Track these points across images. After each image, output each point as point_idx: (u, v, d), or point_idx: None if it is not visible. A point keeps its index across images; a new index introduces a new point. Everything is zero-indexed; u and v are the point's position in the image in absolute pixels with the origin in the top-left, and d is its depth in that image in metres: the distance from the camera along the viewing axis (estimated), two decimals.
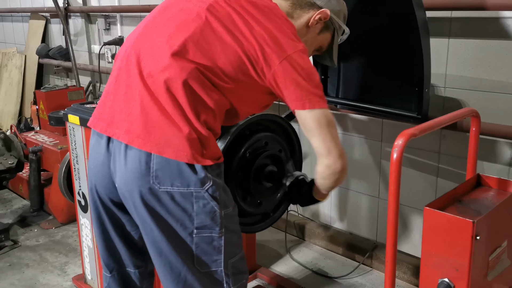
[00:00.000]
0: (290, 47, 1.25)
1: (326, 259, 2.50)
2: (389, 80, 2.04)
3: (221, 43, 1.22)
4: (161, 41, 1.24)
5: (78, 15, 4.07)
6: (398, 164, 1.17)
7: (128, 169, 1.20)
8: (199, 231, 1.22)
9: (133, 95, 1.23)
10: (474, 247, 1.13)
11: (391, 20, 1.89)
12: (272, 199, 1.77)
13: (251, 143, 1.67)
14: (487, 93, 1.95)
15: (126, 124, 1.21)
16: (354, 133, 2.45)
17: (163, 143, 1.17)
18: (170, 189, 1.19)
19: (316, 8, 1.43)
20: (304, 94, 1.24)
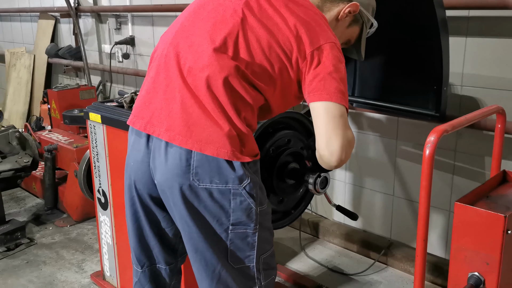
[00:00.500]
0: (323, 37, 1.25)
1: (341, 257, 2.52)
2: (406, 79, 2.05)
3: (258, 38, 1.24)
4: (201, 39, 1.26)
5: (88, 14, 4.09)
6: (431, 160, 1.19)
7: (168, 166, 1.22)
8: (234, 227, 1.24)
9: (173, 93, 1.24)
10: (505, 241, 1.15)
11: (411, 18, 1.90)
12: (293, 196, 1.79)
13: (274, 141, 1.69)
14: (505, 92, 1.96)
15: (167, 122, 1.23)
16: (369, 131, 2.47)
17: (204, 140, 1.19)
18: (209, 186, 1.21)
19: (346, 1, 1.44)
20: (325, 87, 1.21)
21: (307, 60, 1.24)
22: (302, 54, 1.24)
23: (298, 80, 1.30)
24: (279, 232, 2.72)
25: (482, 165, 2.09)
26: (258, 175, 1.28)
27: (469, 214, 1.19)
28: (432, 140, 1.20)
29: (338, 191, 2.68)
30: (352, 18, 1.48)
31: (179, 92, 1.23)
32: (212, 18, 1.29)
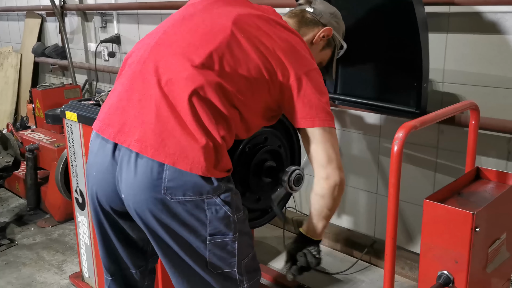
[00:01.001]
0: (307, 63, 1.29)
1: (324, 256, 2.46)
2: (387, 75, 2.04)
3: (245, 57, 1.23)
4: (184, 50, 1.23)
5: (74, 13, 4.05)
6: (399, 157, 1.17)
7: (138, 179, 1.17)
8: (212, 238, 1.20)
9: (148, 103, 1.19)
10: (473, 239, 1.13)
11: (390, 15, 1.89)
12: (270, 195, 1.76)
13: (250, 138, 1.66)
14: (486, 88, 1.95)
15: (139, 132, 1.18)
16: (353, 129, 2.45)
17: (178, 154, 1.14)
18: (182, 199, 1.16)
19: (320, 26, 1.50)
20: (314, 112, 1.27)
21: (292, 86, 1.26)
22: (286, 79, 1.26)
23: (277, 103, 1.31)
24: (263, 231, 2.70)
25: (463, 162, 2.06)
26: (231, 182, 1.26)
27: (438, 212, 1.17)
28: (400, 136, 1.18)
29: None
30: (326, 42, 1.53)
31: (155, 102, 1.18)
32: (199, 31, 1.26)
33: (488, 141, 1.98)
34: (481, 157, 2.02)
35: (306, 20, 1.48)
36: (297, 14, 1.51)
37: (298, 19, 1.47)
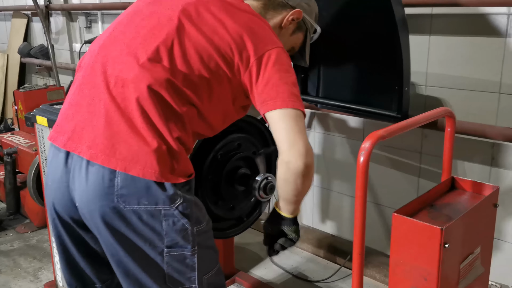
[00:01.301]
0: (269, 42, 1.19)
1: (307, 262, 2.44)
2: (369, 79, 1.98)
3: (197, 47, 1.16)
4: (131, 48, 1.17)
5: (59, 13, 3.98)
6: (365, 168, 1.11)
7: (89, 187, 1.11)
8: (170, 250, 1.14)
9: (97, 107, 1.14)
10: (442, 255, 1.07)
11: (370, 17, 1.84)
12: (245, 203, 1.71)
13: (223, 145, 1.60)
14: (469, 92, 1.90)
15: (89, 139, 1.12)
16: (336, 132, 2.39)
17: (129, 159, 1.09)
18: (136, 208, 1.10)
19: (288, 8, 1.39)
20: (275, 93, 1.15)
21: (251, 69, 1.17)
22: (245, 62, 1.17)
23: (241, 91, 1.22)
24: (246, 236, 2.63)
25: None
26: (191, 193, 1.19)
27: (406, 226, 1.11)
28: (366, 146, 1.11)
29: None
30: (296, 25, 1.44)
31: (104, 105, 1.13)
32: (145, 26, 1.20)
33: (471, 146, 1.92)
34: (465, 163, 1.97)
35: (274, 2, 1.37)
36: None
37: (264, 2, 1.37)
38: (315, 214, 2.60)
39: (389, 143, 2.18)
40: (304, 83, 2.23)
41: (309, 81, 2.22)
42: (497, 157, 1.87)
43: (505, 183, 1.87)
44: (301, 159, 1.13)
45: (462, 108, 1.92)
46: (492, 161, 1.89)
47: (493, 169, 1.89)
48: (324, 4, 1.98)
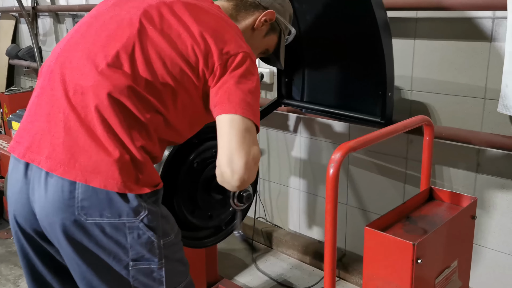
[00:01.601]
0: (233, 47, 1.14)
1: (293, 269, 2.41)
2: (353, 84, 1.95)
3: (158, 51, 1.11)
4: (90, 54, 1.12)
5: (46, 14, 3.94)
6: (335, 181, 1.06)
7: (48, 200, 1.07)
8: (135, 263, 1.10)
9: (56, 116, 1.09)
10: (415, 271, 1.03)
11: (352, 21, 1.80)
12: (223, 212, 1.67)
13: (199, 152, 1.57)
14: (454, 97, 1.86)
15: (48, 149, 1.08)
16: (322, 137, 2.36)
17: (90, 170, 1.04)
18: (99, 221, 1.06)
19: (261, 9, 1.34)
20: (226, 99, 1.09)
21: (215, 73, 1.12)
22: (210, 67, 1.12)
23: (206, 95, 1.17)
24: (231, 242, 2.60)
25: (432, 173, 1.98)
26: (158, 204, 1.14)
27: (379, 240, 1.08)
28: (336, 158, 1.07)
29: (292, 199, 2.56)
30: (269, 27, 1.38)
31: (63, 114, 1.08)
32: (106, 30, 1.14)
33: (456, 153, 1.89)
34: (450, 169, 1.93)
35: (245, 3, 1.33)
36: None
37: (236, 3, 1.32)
38: (302, 220, 2.56)
39: (375, 149, 2.14)
40: (288, 87, 2.19)
41: (293, 85, 2.18)
42: (483, 164, 1.84)
43: (491, 190, 1.84)
44: (235, 175, 1.07)
45: (447, 114, 1.89)
46: (478, 167, 1.86)
47: (479, 175, 1.86)
48: (307, 8, 1.95)
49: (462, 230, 1.23)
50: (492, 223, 1.86)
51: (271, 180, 2.63)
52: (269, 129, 2.56)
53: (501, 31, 1.69)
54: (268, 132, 2.57)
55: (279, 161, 2.57)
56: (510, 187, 1.79)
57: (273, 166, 2.60)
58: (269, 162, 2.61)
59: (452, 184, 1.94)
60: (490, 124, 1.78)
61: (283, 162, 2.55)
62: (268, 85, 2.49)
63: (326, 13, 1.90)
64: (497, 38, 1.71)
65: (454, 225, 1.17)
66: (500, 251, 1.86)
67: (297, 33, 2.07)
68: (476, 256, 1.92)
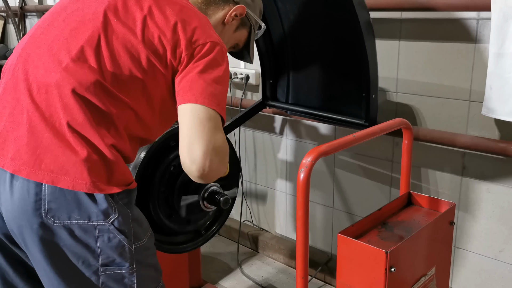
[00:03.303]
0: (202, 36, 1.11)
1: (278, 273, 2.37)
2: (338, 86, 1.92)
3: (124, 44, 1.08)
4: (53, 50, 1.08)
5: (34, 14, 3.90)
6: (305, 186, 1.03)
7: (15, 202, 1.03)
8: (105, 268, 1.07)
9: (20, 116, 1.06)
10: (388, 279, 1.00)
11: (335, 22, 1.77)
12: (202, 216, 1.64)
13: (176, 155, 1.53)
14: (439, 99, 1.83)
15: (12, 150, 1.04)
16: (308, 139, 2.33)
17: (56, 171, 1.01)
18: (67, 223, 1.02)
19: (231, 3, 1.32)
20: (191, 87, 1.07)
21: (181, 63, 1.10)
22: (178, 57, 1.09)
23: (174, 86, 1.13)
24: (217, 245, 2.57)
25: (418, 176, 1.95)
26: (130, 207, 1.11)
27: (352, 248, 1.04)
28: (307, 163, 1.04)
29: (279, 202, 2.53)
30: (239, 22, 1.36)
31: (26, 114, 1.04)
32: (68, 25, 1.11)
33: (442, 155, 1.86)
34: (436, 172, 1.90)
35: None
36: None
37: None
38: (288, 223, 2.53)
39: (361, 151, 2.11)
40: (273, 89, 2.16)
41: (278, 87, 2.15)
42: (468, 167, 1.81)
43: (476, 193, 1.81)
44: (194, 166, 1.03)
45: (432, 116, 1.86)
46: (463, 170, 1.83)
47: (464, 178, 1.83)
48: (291, 7, 1.92)
49: (440, 237, 1.20)
50: (478, 227, 1.83)
51: (258, 183, 2.60)
52: (255, 131, 2.53)
53: (486, 32, 1.67)
54: (254, 134, 2.53)
55: (265, 164, 2.53)
56: (495, 191, 1.76)
57: (260, 168, 2.57)
58: (256, 165, 2.58)
59: (438, 187, 1.91)
60: (475, 127, 1.76)
61: (270, 165, 2.52)
62: (254, 86, 2.45)
63: (309, 13, 1.87)
64: (481, 40, 1.69)
65: (431, 232, 1.14)
66: (485, 256, 1.83)
67: (281, 33, 2.05)
68: (461, 261, 1.89)
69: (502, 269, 1.80)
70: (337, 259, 1.10)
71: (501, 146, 1.60)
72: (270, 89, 2.15)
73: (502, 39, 1.52)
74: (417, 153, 1.92)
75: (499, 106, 1.55)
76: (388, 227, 1.17)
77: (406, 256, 1.07)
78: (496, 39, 1.52)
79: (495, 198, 1.77)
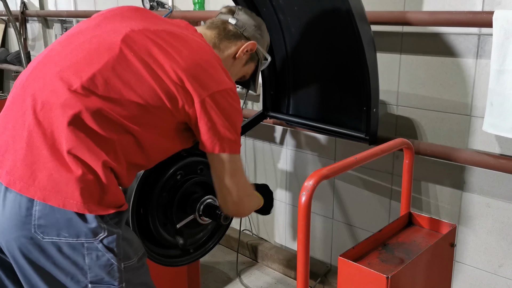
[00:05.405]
0: (213, 84, 1.16)
1: (277, 284, 2.37)
2: (339, 98, 1.92)
3: (136, 78, 1.10)
4: (64, 72, 1.10)
5: (35, 19, 3.90)
6: (307, 209, 1.03)
7: (6, 216, 1.04)
8: (94, 286, 1.07)
9: (21, 131, 1.07)
10: None
11: (337, 34, 1.77)
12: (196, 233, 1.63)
13: (184, 165, 1.53)
14: (440, 113, 1.83)
15: (10, 163, 1.05)
16: (308, 150, 2.33)
17: (49, 188, 1.02)
18: (56, 240, 1.03)
19: (243, 39, 1.38)
20: (216, 137, 1.18)
21: (196, 108, 1.14)
22: (190, 102, 1.14)
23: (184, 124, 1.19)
24: (216, 255, 2.56)
25: (418, 189, 1.95)
26: (120, 226, 1.11)
27: (352, 271, 1.04)
28: (309, 186, 1.03)
29: (279, 212, 2.53)
30: (249, 56, 1.42)
31: (27, 129, 1.06)
32: (84, 51, 1.13)
33: (442, 169, 1.86)
34: (436, 186, 1.90)
35: (228, 33, 1.36)
36: (218, 25, 1.38)
37: (219, 32, 1.35)
38: (288, 233, 2.53)
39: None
40: (274, 100, 2.16)
41: (279, 98, 2.15)
42: (468, 182, 1.81)
43: (476, 208, 1.81)
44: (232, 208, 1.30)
45: (433, 130, 1.87)
46: (464, 185, 1.83)
47: (464, 193, 1.83)
48: (292, 21, 1.92)
49: (441, 259, 1.20)
50: (477, 242, 1.83)
51: None
52: (255, 141, 2.53)
53: (487, 48, 1.67)
54: (255, 143, 2.53)
55: (265, 173, 2.53)
56: (495, 206, 1.76)
57: (260, 178, 2.56)
58: (256, 174, 2.58)
59: (438, 201, 1.91)
60: (476, 142, 1.76)
61: (270, 175, 2.51)
62: (254, 96, 2.45)
63: (311, 26, 1.87)
64: (483, 55, 1.69)
65: (432, 254, 1.13)
66: (485, 270, 1.83)
67: (283, 46, 2.05)
68: (461, 275, 1.89)
69: (502, 284, 1.80)
70: (338, 281, 1.09)
71: (501, 162, 1.60)
72: (271, 100, 2.16)
73: (503, 56, 1.52)
74: (418, 167, 1.92)
75: (500, 122, 1.55)
76: (388, 249, 1.17)
77: (407, 279, 1.06)
78: (498, 56, 1.52)
79: (495, 213, 1.77)
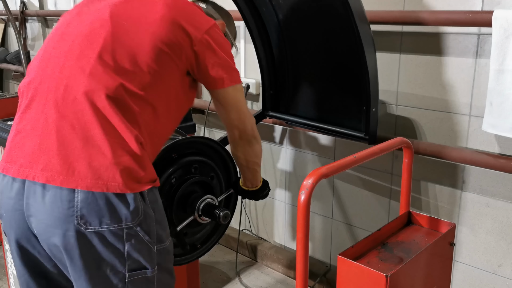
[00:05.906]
0: (205, 22, 1.22)
1: (277, 283, 2.37)
2: (338, 98, 1.92)
3: (137, 41, 1.13)
4: (71, 62, 1.12)
5: (35, 19, 3.90)
6: (306, 208, 1.03)
7: (47, 212, 1.05)
8: (131, 274, 1.10)
9: (47, 127, 1.08)
10: None
11: (336, 34, 1.77)
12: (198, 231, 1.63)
13: (177, 167, 1.53)
14: (440, 113, 1.83)
15: (43, 162, 1.06)
16: (307, 150, 2.32)
17: (90, 176, 1.04)
18: (99, 229, 1.05)
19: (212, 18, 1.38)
20: (224, 71, 1.24)
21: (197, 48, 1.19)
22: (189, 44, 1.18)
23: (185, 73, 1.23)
24: (215, 254, 2.56)
25: (418, 189, 1.95)
26: (157, 208, 1.14)
27: (351, 270, 1.04)
28: (308, 185, 1.03)
29: (278, 211, 2.53)
30: None
31: (54, 124, 1.07)
32: (79, 36, 1.15)
33: (442, 169, 1.86)
34: (435, 185, 1.90)
35: None
36: None
37: None
38: (287, 233, 2.53)
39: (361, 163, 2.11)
40: (273, 100, 2.16)
41: (279, 98, 2.15)
42: (468, 181, 1.81)
43: (476, 208, 1.81)
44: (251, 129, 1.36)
45: (432, 129, 1.86)
46: (463, 185, 1.83)
47: (464, 193, 1.83)
48: (292, 20, 1.92)
49: (440, 258, 1.20)
50: (477, 242, 1.83)
51: None
52: None
53: (487, 48, 1.67)
54: None
55: (265, 173, 2.53)
56: (494, 206, 1.76)
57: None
58: None
59: (437, 201, 1.91)
60: (475, 142, 1.76)
61: (269, 174, 2.51)
62: (254, 96, 2.45)
63: (310, 25, 1.87)
64: (482, 55, 1.69)
65: (431, 253, 1.13)
66: (484, 270, 1.83)
67: (282, 45, 2.05)
68: (460, 275, 1.89)
69: (501, 283, 1.80)
70: (337, 280, 1.09)
71: (501, 162, 1.60)
72: (270, 99, 2.16)
73: (502, 55, 1.52)
74: (417, 166, 1.92)
75: (500, 122, 1.55)
76: (388, 248, 1.17)
77: (406, 278, 1.06)
78: (497, 55, 1.52)
79: (495, 212, 1.76)
